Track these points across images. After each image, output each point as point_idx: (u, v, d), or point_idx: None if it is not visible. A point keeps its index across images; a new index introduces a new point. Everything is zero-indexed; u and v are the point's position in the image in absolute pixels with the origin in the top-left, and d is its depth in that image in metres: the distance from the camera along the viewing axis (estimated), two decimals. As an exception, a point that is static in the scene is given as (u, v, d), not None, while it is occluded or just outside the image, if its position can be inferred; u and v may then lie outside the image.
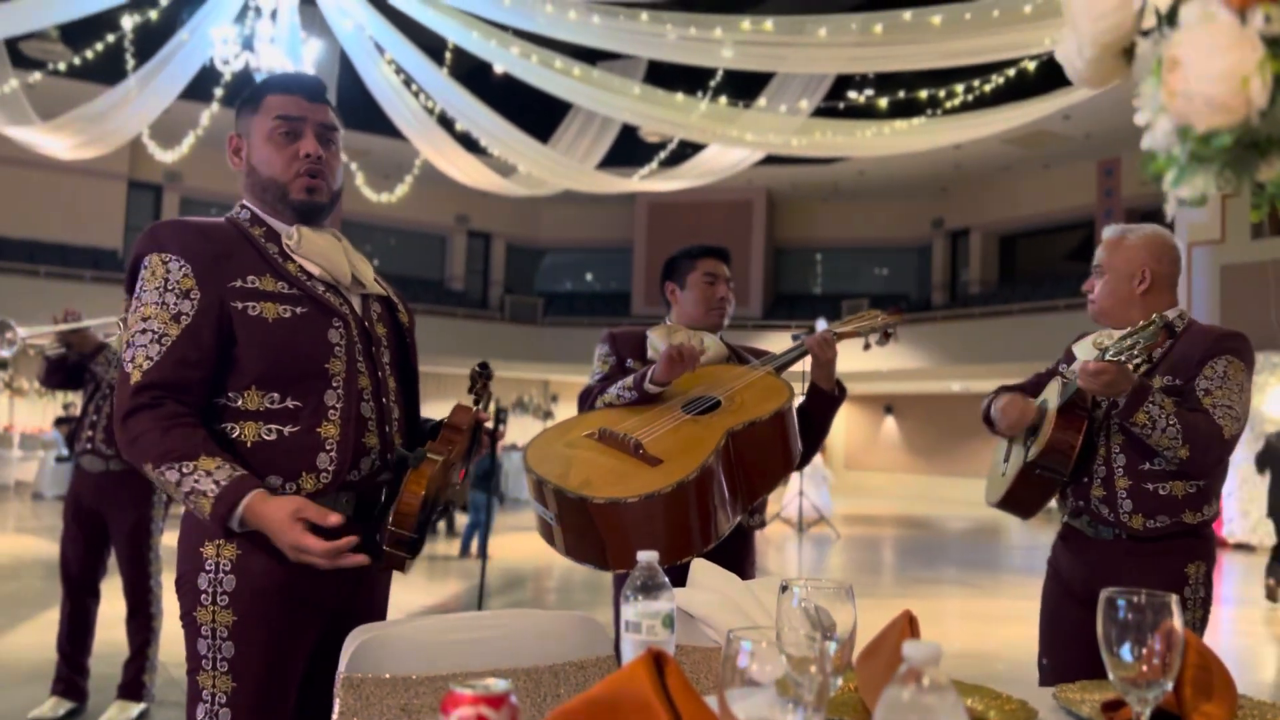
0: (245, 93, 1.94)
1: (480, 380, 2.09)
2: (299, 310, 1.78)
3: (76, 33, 12.02)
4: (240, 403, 1.76)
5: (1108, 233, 2.54)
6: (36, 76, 11.11)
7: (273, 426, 1.75)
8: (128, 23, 10.42)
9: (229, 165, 1.96)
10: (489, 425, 2.02)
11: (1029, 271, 21.60)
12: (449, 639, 1.66)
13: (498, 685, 0.94)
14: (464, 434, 1.89)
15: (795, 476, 15.80)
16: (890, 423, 24.09)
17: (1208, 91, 0.80)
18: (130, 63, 11.03)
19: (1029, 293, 19.50)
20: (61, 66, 11.21)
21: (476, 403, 2.06)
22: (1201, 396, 2.29)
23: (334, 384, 1.79)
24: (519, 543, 11.06)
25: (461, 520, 11.78)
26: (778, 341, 2.81)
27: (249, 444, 1.75)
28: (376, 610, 1.92)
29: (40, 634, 5.51)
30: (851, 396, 19.23)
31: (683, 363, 2.46)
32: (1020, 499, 2.53)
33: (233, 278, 1.76)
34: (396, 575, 1.93)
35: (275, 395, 1.75)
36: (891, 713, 0.76)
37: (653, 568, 1.31)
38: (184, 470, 1.66)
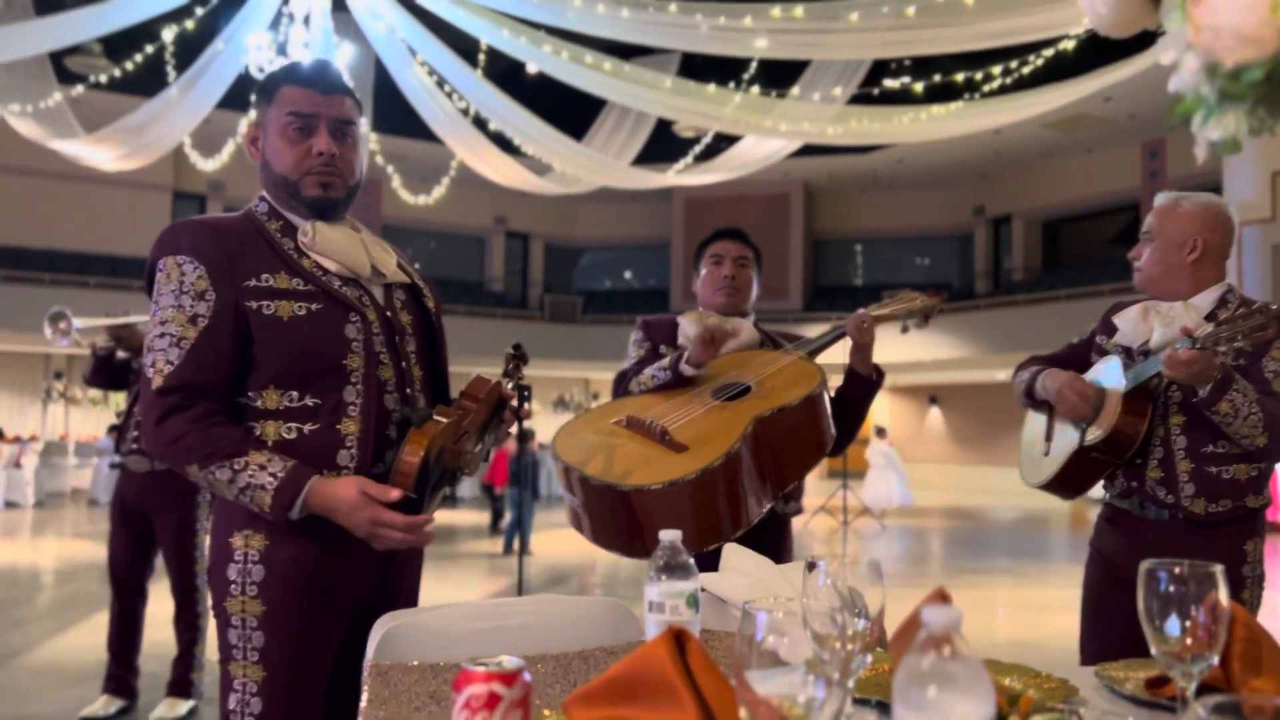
0: (262, 81, 1.91)
1: (513, 361, 2.08)
2: (314, 307, 1.76)
3: (118, 45, 12.24)
4: (260, 402, 1.75)
5: (1160, 199, 2.45)
6: (79, 90, 11.31)
7: (293, 425, 1.75)
8: (168, 34, 10.59)
9: None
10: (513, 401, 2.00)
11: (1073, 257, 21.23)
12: (477, 626, 1.65)
13: (510, 662, 0.92)
14: (481, 403, 1.87)
15: (880, 468, 15.84)
16: (935, 413, 23.83)
17: (1235, 23, 0.76)
18: (171, 74, 11.21)
19: (1074, 279, 19.17)
20: (103, 79, 11.40)
21: (519, 391, 2.05)
22: (1271, 379, 2.22)
23: (353, 380, 1.77)
24: (562, 539, 11.08)
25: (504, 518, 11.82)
26: (818, 333, 2.77)
27: (270, 443, 1.74)
28: (406, 599, 1.90)
29: (93, 635, 5.61)
30: (896, 388, 19.27)
31: (714, 344, 2.43)
32: (1069, 481, 2.46)
33: (247, 277, 1.74)
34: (437, 570, 1.92)
35: (294, 394, 1.75)
36: (911, 681, 0.73)
37: (675, 547, 1.28)
38: (235, 467, 1.67)
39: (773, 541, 2.62)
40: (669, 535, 1.30)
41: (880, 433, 16.75)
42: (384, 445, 1.79)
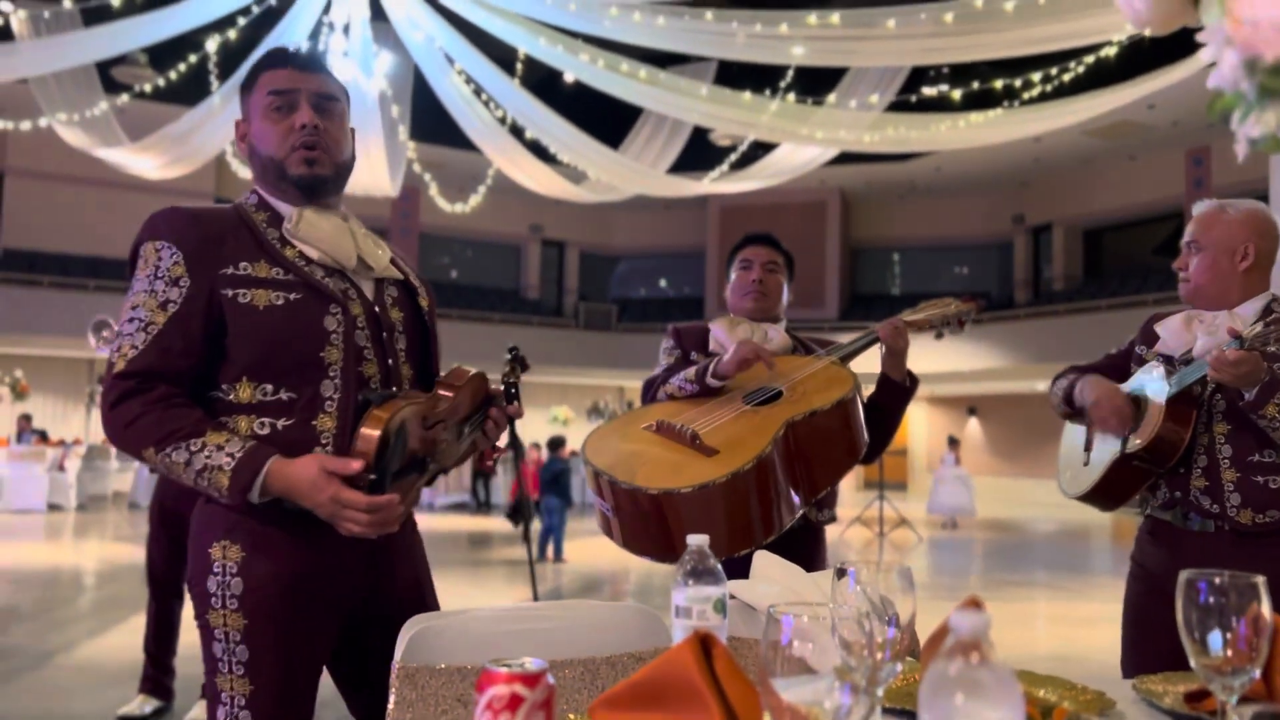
0: (244, 76, 1.86)
1: (510, 365, 2.07)
2: (292, 297, 1.69)
3: (163, 56, 12.46)
4: (233, 395, 1.69)
5: (1202, 207, 2.41)
6: (125, 99, 11.53)
7: (265, 420, 1.68)
8: (211, 44, 10.77)
9: None
10: (498, 393, 1.93)
11: (1116, 266, 20.94)
12: (504, 629, 1.64)
13: (534, 664, 0.92)
14: (459, 392, 1.79)
15: (951, 478, 15.84)
16: (974, 424, 23.58)
17: (1275, 16, 0.74)
18: (214, 83, 11.39)
19: (1116, 288, 18.91)
20: (147, 88, 11.61)
21: (507, 389, 2.03)
22: None
23: (331, 374, 1.70)
24: (595, 547, 11.08)
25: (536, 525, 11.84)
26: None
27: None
28: (408, 600, 1.82)
29: (132, 636, 5.68)
30: (934, 398, 19.09)
31: (752, 360, 2.40)
32: (1110, 490, 2.41)
33: (225, 264, 1.69)
34: (471, 575, 1.90)
35: (268, 387, 1.68)
36: (938, 688, 0.71)
37: (703, 552, 1.27)
38: (192, 449, 1.61)
39: (806, 550, 2.60)
40: (696, 540, 1.28)
41: (953, 443, 16.72)
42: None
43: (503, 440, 2.04)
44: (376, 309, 1.81)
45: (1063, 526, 16.28)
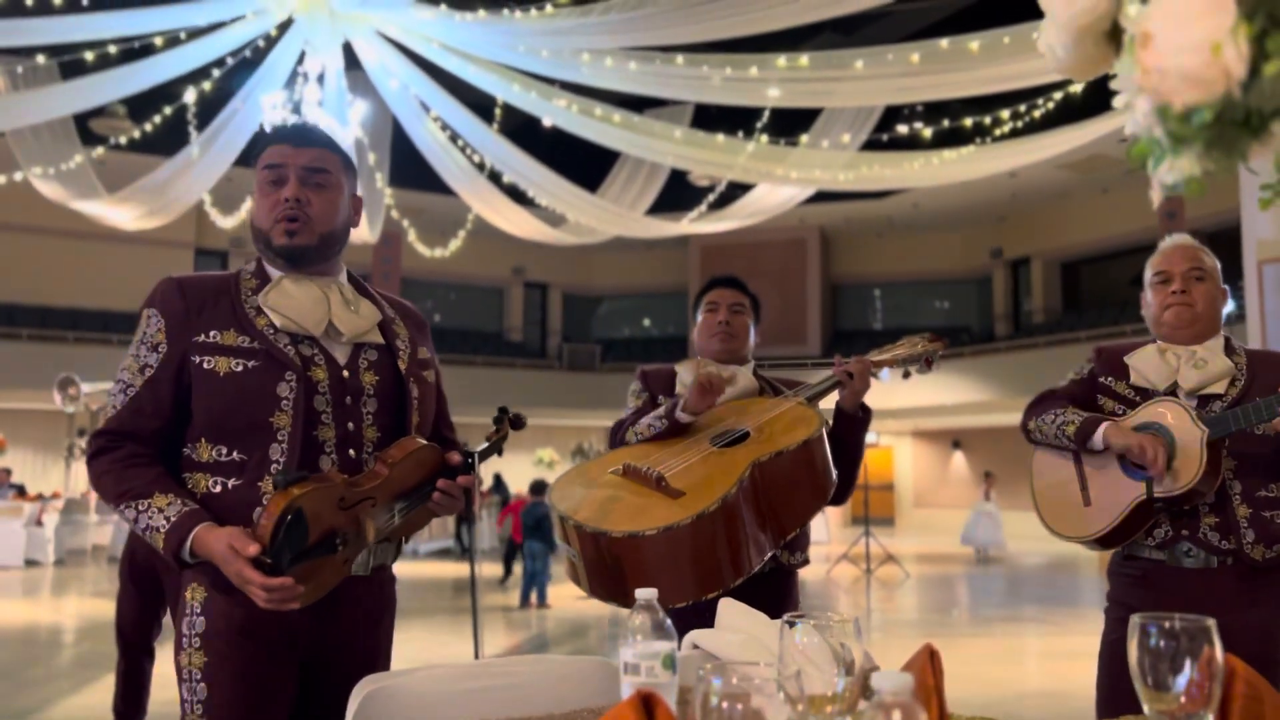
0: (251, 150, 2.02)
1: (497, 425, 2.05)
2: (251, 364, 1.79)
3: (141, 107, 12.51)
4: (195, 454, 1.81)
5: (1186, 239, 2.45)
6: (101, 151, 11.55)
7: (219, 479, 1.78)
8: (189, 96, 10.82)
9: None
10: (457, 464, 1.94)
11: (1093, 298, 21.13)
12: (460, 688, 1.61)
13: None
14: (392, 469, 1.82)
15: (985, 511, 15.97)
16: (959, 457, 23.60)
17: (1181, 64, 0.74)
18: (193, 134, 11.44)
19: (1095, 319, 19.06)
20: (123, 140, 11.64)
21: (487, 448, 2.02)
22: None
23: (279, 438, 1.78)
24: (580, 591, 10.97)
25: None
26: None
27: (199, 495, 1.79)
28: (365, 654, 1.87)
29: (106, 695, 5.55)
30: (918, 432, 19.13)
31: (712, 391, 2.41)
32: (1123, 533, 2.35)
33: (198, 332, 1.81)
34: (453, 624, 1.88)
35: (223, 448, 1.78)
36: (862, 751, 0.70)
37: (651, 605, 1.25)
38: (139, 508, 1.73)
39: (777, 594, 2.58)
40: (645, 594, 1.27)
41: (988, 476, 16.88)
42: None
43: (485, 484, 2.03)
44: (345, 373, 1.86)
45: (1050, 559, 16.26)
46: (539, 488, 10.70)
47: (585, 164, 12.89)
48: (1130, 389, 2.43)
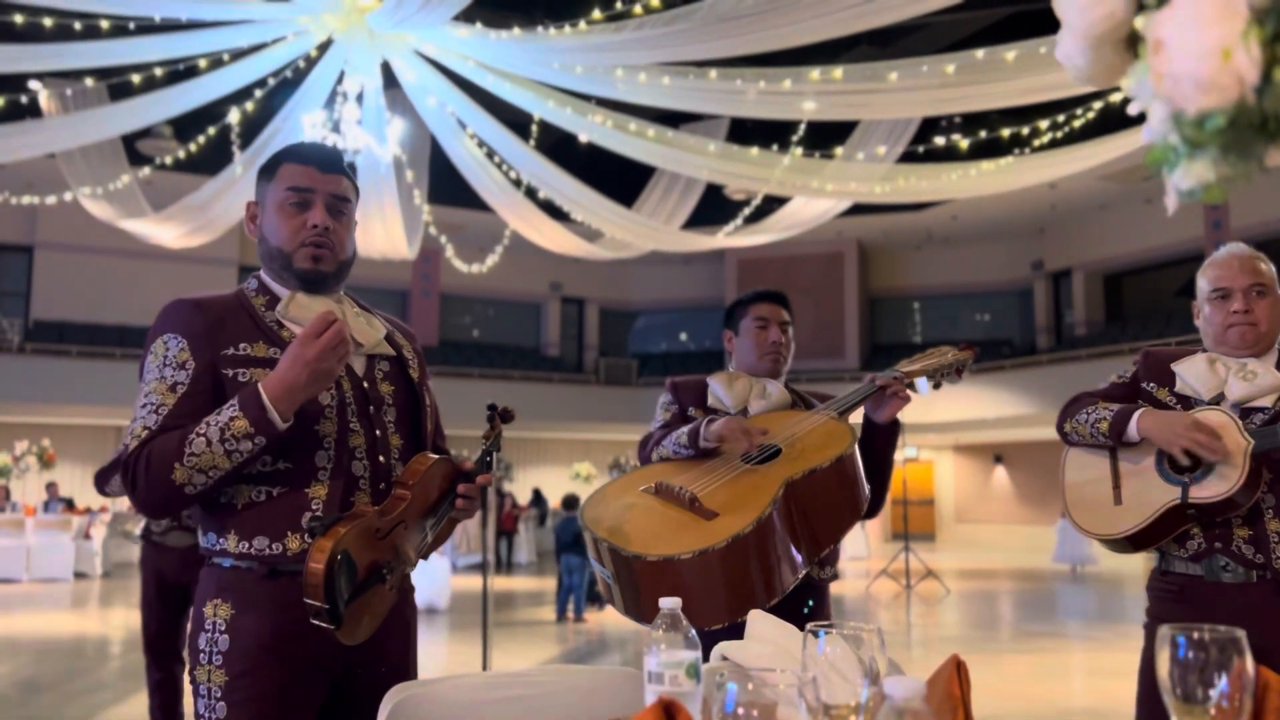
0: (265, 161, 1.98)
1: (489, 424, 2.07)
2: None
3: (187, 128, 12.77)
4: None
5: (1243, 249, 2.38)
6: (147, 171, 11.80)
7: (263, 488, 1.77)
8: (233, 116, 11.04)
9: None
10: (471, 469, 1.95)
11: (1137, 310, 20.80)
12: (489, 697, 1.63)
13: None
14: (414, 490, 1.82)
15: (1068, 525, 15.87)
16: (1001, 473, 23.29)
17: (1194, 70, 0.74)
18: (237, 154, 11.66)
19: (1138, 332, 18.76)
20: (168, 160, 11.88)
21: (485, 448, 2.03)
22: None
23: (325, 444, 1.79)
24: (618, 606, 10.96)
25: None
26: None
27: (239, 506, 1.77)
28: (395, 665, 1.88)
29: (145, 707, 5.66)
30: (960, 446, 18.89)
31: (744, 437, 2.37)
32: (1150, 536, 2.30)
33: (225, 345, 1.79)
34: (491, 637, 1.88)
35: (267, 458, 1.76)
36: (874, 757, 0.70)
37: (675, 615, 1.26)
38: (201, 430, 1.67)
39: (808, 608, 2.56)
40: (669, 603, 1.27)
41: None
42: (347, 509, 1.79)
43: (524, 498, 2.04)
44: (365, 384, 1.89)
45: (1095, 575, 15.98)
46: (571, 503, 10.72)
47: (621, 179, 12.94)
48: (1173, 396, 2.39)
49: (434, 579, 10.38)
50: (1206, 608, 2.22)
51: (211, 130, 11.35)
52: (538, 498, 20.11)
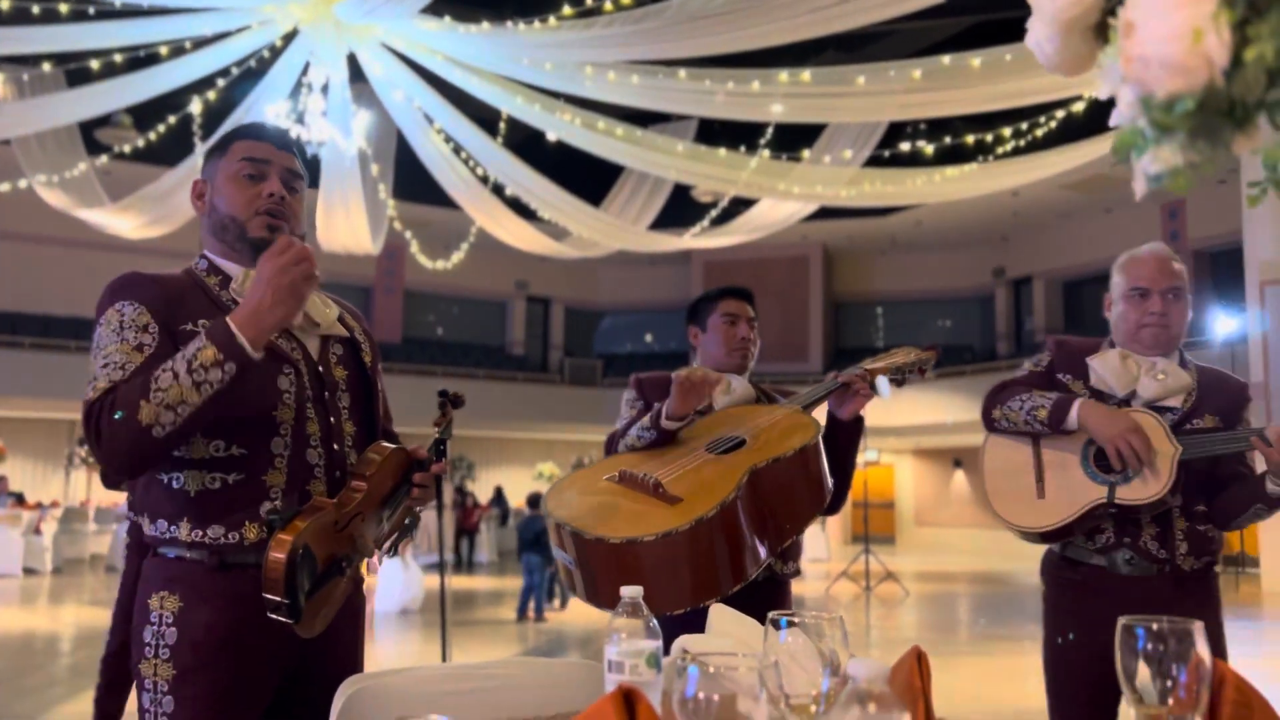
0: (216, 140, 1.95)
1: (440, 410, 2.05)
2: None
3: (147, 117, 12.56)
4: (187, 452, 1.71)
5: (1164, 249, 2.42)
6: (104, 160, 11.60)
7: (217, 475, 1.72)
8: (195, 106, 10.87)
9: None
10: (425, 457, 1.93)
11: (1095, 317, 21.08)
12: (446, 689, 1.60)
13: (439, 722, 0.89)
14: (370, 481, 1.81)
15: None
16: (960, 477, 23.52)
17: (1163, 53, 0.74)
18: (198, 144, 11.48)
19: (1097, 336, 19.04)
20: (127, 149, 11.69)
21: (439, 436, 2.01)
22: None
23: (281, 431, 1.76)
24: (578, 604, 10.93)
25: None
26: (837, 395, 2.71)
27: (193, 494, 1.71)
28: (344, 661, 1.84)
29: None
30: (920, 451, 19.03)
31: (694, 390, 2.38)
32: (1069, 531, 2.34)
33: (183, 321, 1.73)
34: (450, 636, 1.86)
35: (220, 443, 1.72)
36: (836, 740, 0.69)
37: (636, 604, 1.25)
38: (167, 366, 1.59)
39: (770, 603, 2.55)
40: (630, 591, 1.26)
41: None
42: (305, 501, 1.75)
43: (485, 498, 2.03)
44: (320, 368, 1.85)
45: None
46: (536, 501, 10.68)
47: (589, 178, 12.91)
48: (1087, 390, 2.42)
49: (407, 584, 10.33)
50: (1110, 598, 2.27)
51: (172, 119, 11.17)
52: (499, 497, 20.02)
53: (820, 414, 2.63)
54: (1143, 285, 2.38)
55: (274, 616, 1.63)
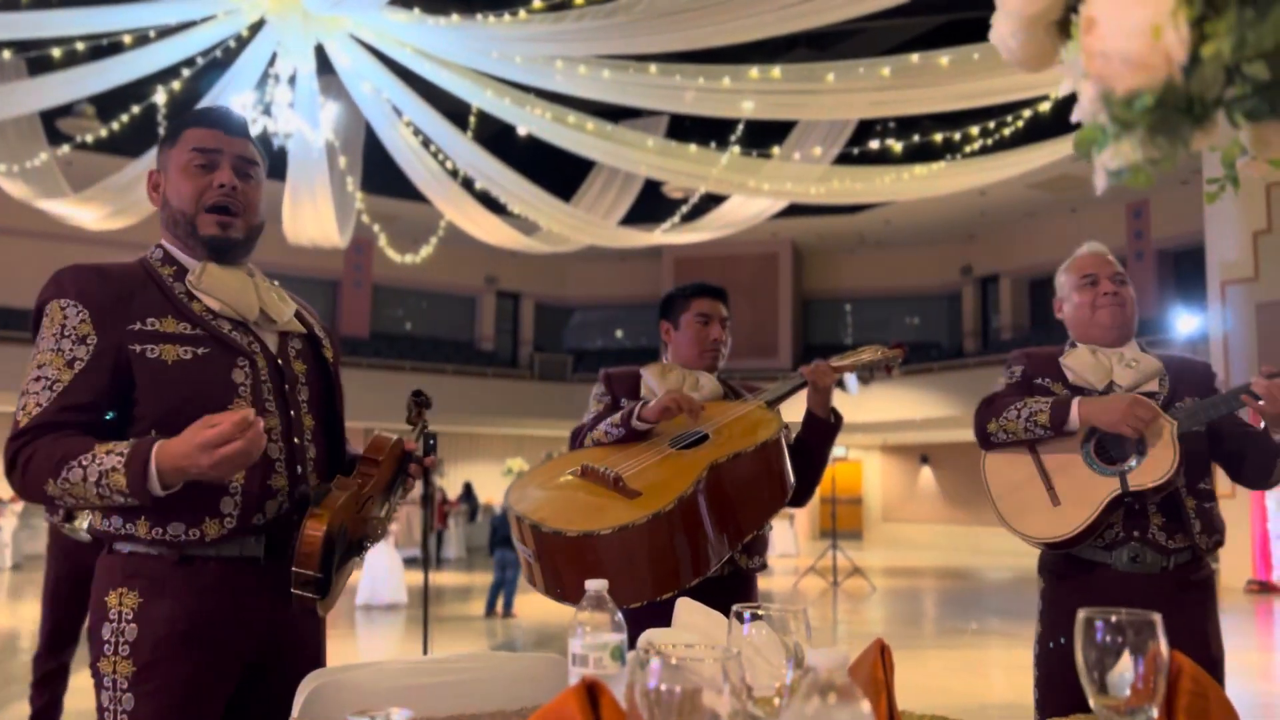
0: (167, 128, 1.91)
1: (416, 409, 2.06)
2: (200, 351, 1.72)
3: (110, 108, 12.38)
4: None
5: (1101, 247, 2.60)
6: (66, 150, 11.41)
7: None
8: (159, 96, 10.71)
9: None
10: (418, 453, 1.96)
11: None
12: (411, 683, 1.59)
13: (400, 715, 0.88)
14: (382, 465, 1.84)
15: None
16: (927, 473, 23.72)
17: (1123, 48, 0.74)
18: (161, 135, 11.32)
19: (1061, 337, 19.11)
20: (89, 139, 11.51)
21: (426, 434, 2.03)
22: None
23: None
24: (548, 600, 10.90)
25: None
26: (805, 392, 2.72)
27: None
28: (305, 656, 1.82)
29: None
30: (887, 447, 19.13)
31: (681, 410, 2.38)
32: (1095, 530, 2.29)
33: (132, 320, 1.70)
34: (416, 632, 1.88)
35: None
36: (796, 729, 0.69)
37: (600, 597, 1.24)
38: (84, 463, 1.58)
39: (736, 598, 2.55)
40: (594, 585, 1.26)
41: None
42: (266, 496, 1.73)
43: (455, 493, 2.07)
44: (279, 361, 1.83)
45: (1016, 574, 16.35)
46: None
47: (560, 173, 12.87)
48: (1068, 390, 2.45)
49: (390, 576, 10.31)
50: (1110, 597, 2.25)
51: (136, 110, 11.00)
52: (468, 493, 19.94)
53: (799, 411, 2.66)
54: (1090, 272, 2.52)
55: (298, 593, 1.64)
